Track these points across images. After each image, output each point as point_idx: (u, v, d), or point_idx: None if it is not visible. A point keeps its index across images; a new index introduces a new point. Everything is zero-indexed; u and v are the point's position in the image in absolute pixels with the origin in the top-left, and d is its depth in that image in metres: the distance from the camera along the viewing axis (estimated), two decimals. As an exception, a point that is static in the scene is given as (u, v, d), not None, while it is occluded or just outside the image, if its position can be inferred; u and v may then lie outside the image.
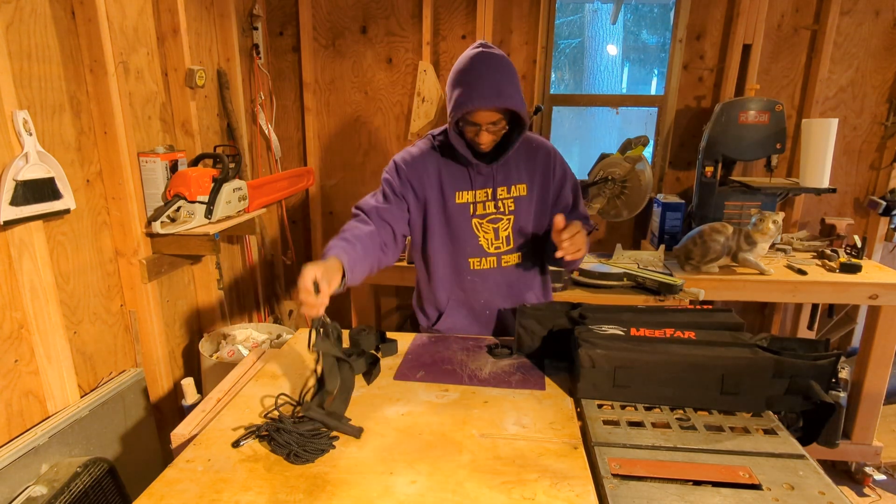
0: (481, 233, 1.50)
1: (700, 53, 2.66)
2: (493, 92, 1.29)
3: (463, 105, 1.30)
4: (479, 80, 1.30)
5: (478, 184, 1.47)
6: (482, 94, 1.29)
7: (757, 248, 2.17)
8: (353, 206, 1.50)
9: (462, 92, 1.31)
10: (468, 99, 1.30)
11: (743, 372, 1.05)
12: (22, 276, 1.44)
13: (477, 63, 1.31)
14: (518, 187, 1.49)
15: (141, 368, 1.90)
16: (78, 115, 1.65)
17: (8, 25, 1.41)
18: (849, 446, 2.36)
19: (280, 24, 2.84)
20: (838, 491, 0.84)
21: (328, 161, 3.01)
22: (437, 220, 1.49)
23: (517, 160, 1.48)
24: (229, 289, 2.56)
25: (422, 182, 1.47)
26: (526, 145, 1.49)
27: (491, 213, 1.49)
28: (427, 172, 1.47)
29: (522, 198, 1.49)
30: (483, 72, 1.30)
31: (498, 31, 2.72)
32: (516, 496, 0.85)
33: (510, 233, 1.51)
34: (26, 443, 1.41)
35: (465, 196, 1.48)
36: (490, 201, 1.48)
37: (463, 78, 1.32)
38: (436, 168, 1.47)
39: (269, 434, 0.97)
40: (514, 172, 1.48)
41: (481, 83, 1.29)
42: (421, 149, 1.50)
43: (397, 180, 1.48)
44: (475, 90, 1.29)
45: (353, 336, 1.37)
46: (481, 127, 1.35)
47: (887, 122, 2.60)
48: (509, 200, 1.49)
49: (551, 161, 1.51)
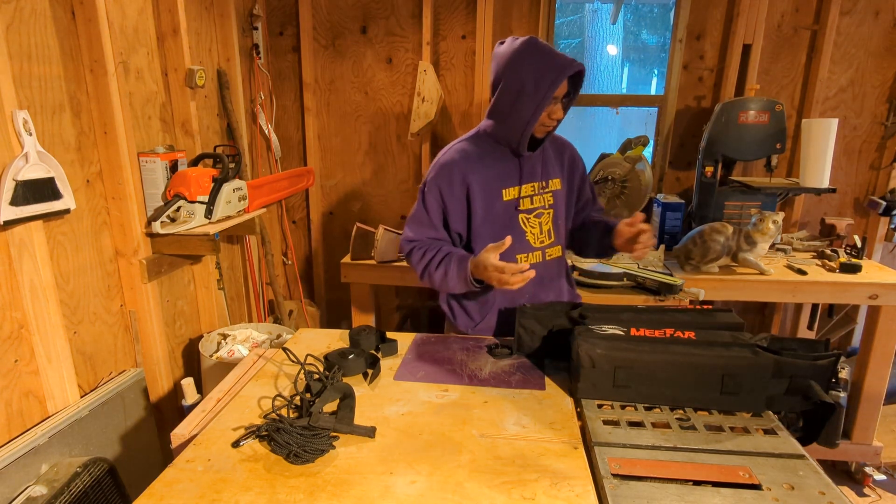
0: (528, 228, 1.53)
1: (700, 53, 2.66)
2: (569, 58, 1.38)
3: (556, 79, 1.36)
4: (551, 52, 1.39)
5: (524, 178, 1.51)
6: (564, 62, 1.37)
7: (757, 248, 2.17)
8: (405, 241, 1.54)
9: (548, 67, 1.37)
10: (560, 70, 1.36)
11: (743, 372, 1.05)
12: (22, 276, 1.44)
13: (536, 42, 1.40)
14: (554, 181, 1.55)
15: (141, 368, 1.90)
16: (78, 115, 1.65)
17: (8, 25, 1.41)
18: (849, 446, 2.36)
19: (280, 24, 2.84)
20: (838, 491, 0.84)
21: (328, 161, 3.01)
22: (483, 219, 1.50)
23: (550, 155, 1.56)
24: (229, 289, 2.56)
25: (465, 187, 1.48)
26: (553, 141, 1.57)
27: (537, 208, 1.53)
28: (470, 175, 1.47)
29: (558, 192, 1.56)
30: (547, 46, 1.40)
31: (498, 31, 2.71)
32: (516, 496, 0.85)
33: (551, 226, 1.56)
34: (26, 443, 1.41)
35: (511, 192, 1.50)
36: (536, 195, 1.53)
37: (539, 59, 1.38)
38: (480, 166, 1.48)
39: (269, 434, 0.97)
40: (550, 167, 1.54)
41: (558, 55, 1.38)
42: (460, 153, 1.50)
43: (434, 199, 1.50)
44: (557, 59, 1.37)
45: (353, 336, 1.37)
46: (558, 101, 1.42)
47: (887, 122, 2.60)
48: (548, 194, 1.54)
49: (575, 156, 1.61)
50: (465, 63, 2.78)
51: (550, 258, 1.57)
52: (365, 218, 3.06)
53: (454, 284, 1.44)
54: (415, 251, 1.51)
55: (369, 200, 3.06)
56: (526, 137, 1.44)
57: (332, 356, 1.27)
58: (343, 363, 1.24)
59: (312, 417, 1.00)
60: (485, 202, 1.48)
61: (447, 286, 1.46)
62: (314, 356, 1.28)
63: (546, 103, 1.39)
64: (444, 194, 1.48)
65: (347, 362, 1.24)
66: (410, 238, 1.53)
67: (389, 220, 3.04)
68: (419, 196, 1.54)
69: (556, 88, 1.37)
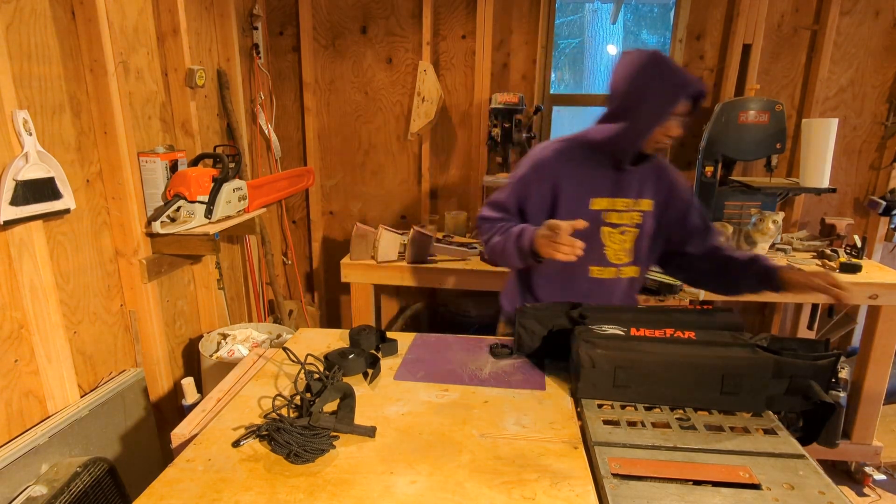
0: (609, 242, 1.49)
1: (700, 53, 2.66)
2: (694, 77, 1.36)
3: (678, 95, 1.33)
4: (676, 68, 1.36)
5: (617, 191, 1.47)
6: (688, 79, 1.34)
7: (757, 247, 2.17)
8: (479, 217, 1.55)
9: (672, 83, 1.34)
10: (682, 87, 1.33)
11: (743, 372, 1.05)
12: (22, 276, 1.44)
13: (666, 59, 1.37)
14: (646, 202, 1.49)
15: (141, 368, 1.90)
16: (78, 115, 1.65)
17: (8, 25, 1.41)
18: (849, 446, 2.36)
19: (280, 23, 2.84)
20: (838, 491, 0.84)
21: (328, 161, 3.01)
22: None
23: (649, 175, 1.50)
24: (229, 289, 2.56)
25: (553, 184, 1.46)
26: (658, 164, 1.52)
27: (623, 225, 1.48)
28: (562, 175, 1.47)
29: (647, 213, 1.50)
30: (672, 62, 1.37)
31: (498, 31, 2.72)
32: (516, 496, 0.85)
33: (632, 245, 1.51)
34: (26, 443, 1.41)
35: (600, 203, 1.47)
36: (626, 211, 1.48)
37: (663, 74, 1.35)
38: (575, 170, 1.47)
39: (270, 434, 0.97)
40: (646, 187, 1.49)
41: (683, 73, 1.35)
42: (558, 151, 1.49)
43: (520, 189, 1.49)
44: (681, 76, 1.34)
45: (353, 336, 1.37)
46: (676, 118, 1.38)
47: (887, 121, 2.60)
48: (637, 213, 1.49)
49: (677, 183, 1.53)
50: (465, 63, 2.78)
51: (624, 277, 1.52)
52: (365, 218, 3.06)
53: (513, 250, 1.40)
54: (485, 226, 1.53)
55: (369, 200, 3.06)
56: (634, 150, 1.41)
57: (332, 356, 1.27)
58: (343, 363, 1.24)
59: (313, 417, 1.00)
60: (570, 207, 1.46)
61: (507, 254, 1.43)
62: (314, 356, 1.28)
63: (664, 118, 1.36)
64: (532, 190, 1.48)
65: (347, 362, 1.24)
66: (483, 216, 1.55)
67: (389, 220, 3.05)
68: (507, 183, 1.54)
69: (677, 105, 1.34)
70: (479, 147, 2.84)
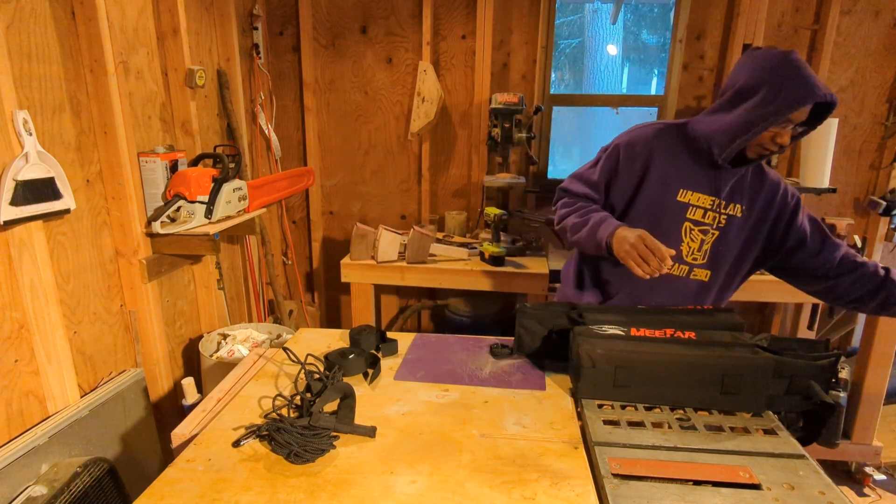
0: (687, 238, 1.44)
1: (700, 53, 2.66)
2: (824, 86, 1.24)
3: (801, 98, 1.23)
4: (806, 72, 1.24)
5: (707, 188, 1.41)
6: (814, 85, 1.22)
7: (757, 248, 2.17)
8: (560, 189, 1.54)
9: (797, 84, 1.23)
10: (807, 91, 1.22)
11: (743, 372, 1.05)
12: (22, 276, 1.44)
13: (799, 60, 1.26)
14: (736, 206, 1.43)
15: (141, 368, 1.90)
16: (78, 115, 1.65)
17: (8, 25, 1.41)
18: (849, 446, 2.36)
19: (280, 24, 2.84)
20: (838, 491, 0.84)
21: (328, 161, 3.01)
22: (646, 208, 1.44)
23: (747, 180, 1.44)
24: (229, 289, 2.56)
25: (644, 166, 1.42)
26: (759, 171, 1.45)
27: (705, 224, 1.43)
28: (655, 158, 1.42)
29: (736, 218, 1.43)
30: (807, 67, 1.26)
31: (498, 31, 2.72)
32: (516, 496, 0.85)
33: (709, 248, 1.44)
34: (26, 443, 1.41)
35: (687, 196, 1.42)
36: (711, 211, 1.42)
37: (792, 73, 1.24)
38: (670, 156, 1.42)
39: (270, 434, 0.97)
40: (740, 192, 1.43)
41: (813, 77, 1.24)
42: (656, 133, 1.44)
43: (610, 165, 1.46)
44: (808, 80, 1.23)
45: (353, 336, 1.37)
46: (791, 125, 1.29)
47: (887, 121, 2.60)
48: (723, 217, 1.43)
49: (778, 192, 1.44)
50: (465, 63, 2.78)
51: (694, 278, 1.46)
52: (365, 218, 3.06)
53: (589, 237, 1.38)
54: (566, 198, 1.50)
55: (369, 200, 3.06)
56: (736, 148, 1.32)
57: (332, 356, 1.27)
58: (343, 363, 1.24)
59: (313, 417, 1.00)
60: (656, 192, 1.42)
61: (581, 238, 1.40)
62: (314, 356, 1.28)
63: (776, 120, 1.25)
64: (622, 164, 1.44)
65: (348, 362, 1.24)
66: (565, 188, 1.52)
67: (389, 220, 3.05)
68: (597, 155, 1.51)
69: (797, 109, 1.24)
70: (479, 147, 2.84)
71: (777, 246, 1.47)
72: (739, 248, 1.46)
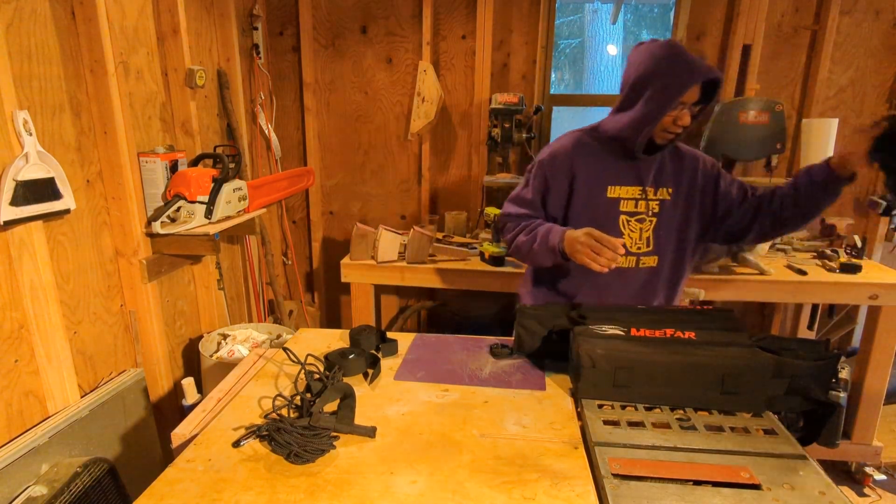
0: (627, 231, 1.51)
1: (700, 53, 2.64)
2: (706, 65, 1.35)
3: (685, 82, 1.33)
4: (687, 56, 1.35)
5: (632, 180, 1.49)
6: (699, 68, 1.33)
7: (757, 248, 2.17)
8: (503, 215, 1.59)
9: (679, 70, 1.34)
10: (689, 74, 1.33)
11: (743, 372, 1.05)
12: (22, 276, 1.44)
13: (678, 47, 1.37)
14: (664, 191, 1.51)
15: (141, 368, 1.90)
16: (78, 115, 1.65)
17: (8, 25, 1.41)
18: (849, 446, 2.36)
19: (280, 24, 2.84)
20: (838, 491, 0.84)
21: (328, 161, 3.01)
22: (582, 210, 1.51)
23: (667, 164, 1.52)
24: (229, 289, 2.56)
25: (570, 174, 1.50)
26: (676, 153, 1.54)
27: (640, 213, 1.50)
28: (578, 165, 1.50)
29: (667, 202, 1.51)
30: (687, 52, 1.37)
31: (498, 31, 2.71)
32: (516, 496, 0.85)
33: (651, 234, 1.52)
34: (26, 443, 1.41)
35: (616, 191, 1.50)
36: (641, 199, 1.50)
37: (672, 61, 1.36)
38: (591, 159, 1.50)
39: (270, 434, 0.97)
40: (664, 176, 1.51)
41: (693, 60, 1.35)
42: (574, 142, 1.53)
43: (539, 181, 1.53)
44: (691, 63, 1.34)
45: (353, 336, 1.37)
46: (686, 107, 1.38)
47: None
48: (655, 202, 1.51)
49: (703, 169, 1.53)
50: (465, 63, 2.78)
51: (643, 266, 1.53)
52: (365, 218, 3.06)
53: (540, 250, 1.44)
54: (509, 223, 1.56)
55: (369, 200, 3.06)
56: (643, 139, 1.42)
57: (332, 356, 1.27)
58: (343, 363, 1.24)
59: (313, 417, 1.00)
60: (587, 195, 1.50)
61: (533, 253, 1.46)
62: (314, 356, 1.28)
63: (671, 106, 1.36)
64: (549, 179, 1.52)
65: (348, 362, 1.24)
66: (507, 212, 1.58)
67: (389, 220, 3.05)
68: (525, 175, 1.59)
69: (685, 93, 1.34)
70: (479, 147, 2.84)
71: (711, 214, 1.55)
72: (678, 228, 1.54)
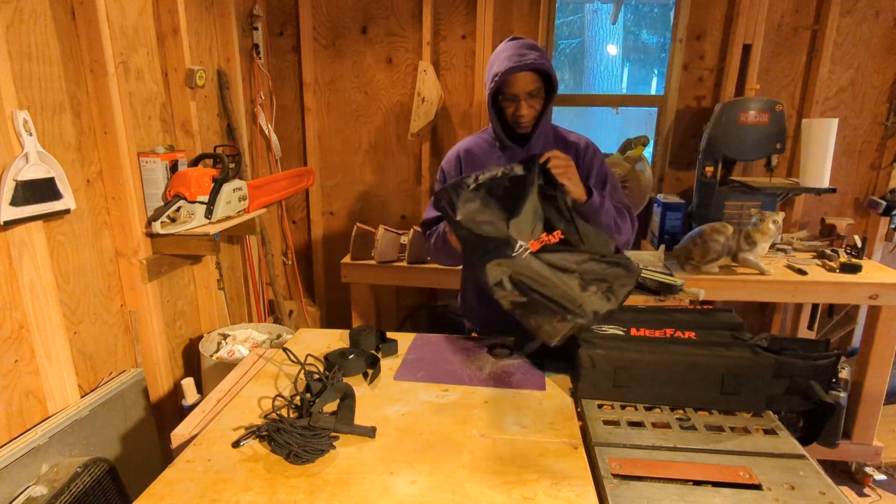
0: None
1: (700, 53, 2.66)
2: (529, 57, 1.39)
3: (501, 72, 1.39)
4: (515, 50, 1.41)
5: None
6: (518, 61, 1.39)
7: (757, 248, 2.17)
8: (422, 223, 1.66)
9: (500, 63, 1.41)
10: (507, 65, 1.39)
11: (743, 372, 1.05)
12: (22, 276, 1.44)
13: (511, 42, 1.46)
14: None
15: (141, 368, 1.90)
16: (78, 115, 1.65)
17: (8, 26, 1.41)
18: (849, 446, 2.36)
19: (280, 24, 2.84)
20: (838, 491, 0.84)
21: (328, 161, 3.01)
22: None
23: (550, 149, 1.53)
24: (229, 289, 2.56)
25: (463, 169, 1.58)
26: (562, 140, 1.57)
27: None
28: (466, 167, 1.58)
29: None
30: (518, 45, 1.44)
31: (498, 31, 2.71)
32: (516, 496, 0.85)
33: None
34: (26, 443, 1.41)
35: None
36: None
37: (500, 55, 1.44)
38: (475, 161, 1.57)
39: (269, 434, 0.97)
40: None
41: (517, 52, 1.40)
42: (459, 148, 1.62)
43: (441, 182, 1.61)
44: (512, 59, 1.39)
45: (353, 336, 1.37)
46: (520, 98, 1.43)
47: (887, 122, 2.60)
48: None
49: (581, 154, 1.56)
50: (465, 63, 2.78)
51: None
52: (365, 218, 3.06)
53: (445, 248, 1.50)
54: (426, 231, 1.63)
55: (369, 200, 3.06)
56: (497, 129, 1.51)
57: (332, 356, 1.27)
58: (343, 363, 1.24)
59: (312, 417, 1.00)
60: None
61: (444, 250, 1.52)
62: (314, 356, 1.28)
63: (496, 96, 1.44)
64: (450, 177, 1.60)
65: (347, 362, 1.24)
66: (424, 219, 1.64)
67: (389, 220, 3.04)
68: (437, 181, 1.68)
69: (501, 84, 1.41)
70: (479, 147, 2.84)
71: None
72: None
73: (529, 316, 1.12)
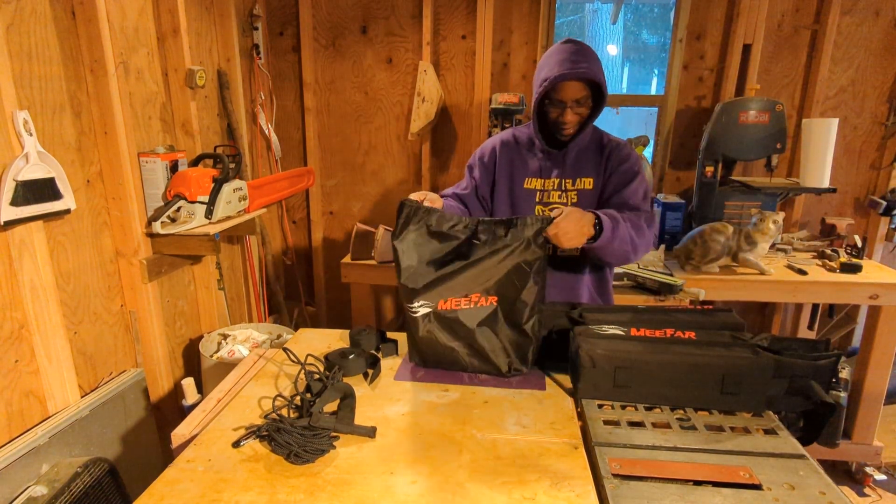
0: None
1: (700, 53, 2.66)
2: (581, 66, 1.38)
3: (551, 78, 1.38)
4: (567, 55, 1.40)
5: (547, 173, 1.56)
6: (570, 67, 1.37)
7: (757, 248, 2.17)
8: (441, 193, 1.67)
9: (550, 68, 1.40)
10: (557, 71, 1.37)
11: (743, 372, 1.05)
12: (22, 276, 1.44)
13: (564, 46, 1.42)
14: (584, 180, 1.55)
15: (141, 368, 1.90)
16: (78, 115, 1.65)
17: (8, 26, 1.41)
18: (849, 446, 2.36)
19: (280, 24, 2.84)
20: (839, 491, 0.84)
21: (328, 161, 3.01)
22: (503, 199, 1.60)
23: (587, 154, 1.55)
24: (229, 289, 2.56)
25: (494, 166, 1.61)
26: (599, 142, 1.56)
27: (556, 203, 1.55)
28: (501, 158, 1.60)
29: (587, 191, 1.55)
30: (570, 50, 1.41)
31: (498, 31, 2.71)
32: (516, 496, 0.85)
33: None
34: (27, 443, 1.41)
35: (533, 183, 1.57)
36: (556, 191, 1.55)
37: (551, 59, 1.42)
38: (511, 154, 1.59)
39: (270, 434, 0.97)
40: (582, 165, 1.55)
41: (569, 58, 1.39)
42: (501, 137, 1.64)
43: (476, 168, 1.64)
44: (563, 65, 1.38)
45: (353, 336, 1.37)
46: (566, 105, 1.43)
47: (887, 121, 2.60)
48: (573, 192, 1.55)
49: (620, 160, 1.53)
50: (465, 63, 2.78)
51: (563, 254, 1.54)
52: (365, 218, 3.06)
53: None
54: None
55: (369, 200, 3.06)
56: (537, 135, 1.51)
57: (332, 356, 1.27)
58: (343, 363, 1.24)
59: (313, 417, 1.00)
60: (507, 182, 1.59)
61: None
62: (314, 356, 1.28)
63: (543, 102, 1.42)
64: (480, 162, 1.64)
65: (348, 362, 1.24)
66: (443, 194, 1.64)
67: (389, 220, 3.04)
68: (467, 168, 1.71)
69: (548, 89, 1.40)
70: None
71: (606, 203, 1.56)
72: None
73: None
